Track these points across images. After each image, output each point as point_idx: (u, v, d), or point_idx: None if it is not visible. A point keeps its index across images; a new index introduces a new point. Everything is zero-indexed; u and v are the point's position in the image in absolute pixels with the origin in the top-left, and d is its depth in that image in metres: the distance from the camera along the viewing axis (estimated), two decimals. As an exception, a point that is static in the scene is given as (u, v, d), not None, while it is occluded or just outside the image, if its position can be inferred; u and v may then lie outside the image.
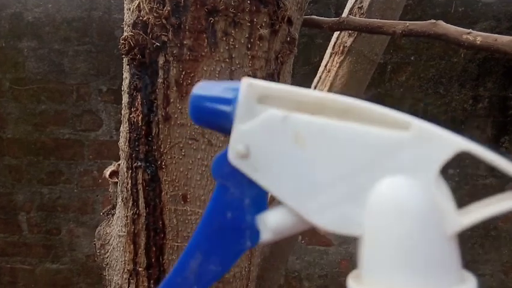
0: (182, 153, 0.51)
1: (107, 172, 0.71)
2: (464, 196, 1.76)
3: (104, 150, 1.74)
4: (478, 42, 0.47)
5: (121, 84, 0.55)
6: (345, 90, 0.84)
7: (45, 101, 1.70)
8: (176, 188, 0.53)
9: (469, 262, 1.82)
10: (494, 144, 1.71)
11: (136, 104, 0.50)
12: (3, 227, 1.85)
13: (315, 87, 0.88)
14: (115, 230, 0.62)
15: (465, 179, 1.75)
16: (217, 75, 0.47)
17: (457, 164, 1.73)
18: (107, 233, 0.66)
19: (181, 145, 0.50)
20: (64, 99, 1.69)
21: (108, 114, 1.70)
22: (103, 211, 0.71)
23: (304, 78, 1.67)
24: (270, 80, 0.51)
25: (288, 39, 0.52)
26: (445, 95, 1.68)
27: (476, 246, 1.81)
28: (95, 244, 0.68)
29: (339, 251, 1.85)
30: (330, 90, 0.85)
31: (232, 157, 0.16)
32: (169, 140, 0.50)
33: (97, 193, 1.79)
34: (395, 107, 0.17)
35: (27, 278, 1.91)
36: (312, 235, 1.85)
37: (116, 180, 0.65)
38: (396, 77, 1.67)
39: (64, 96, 1.69)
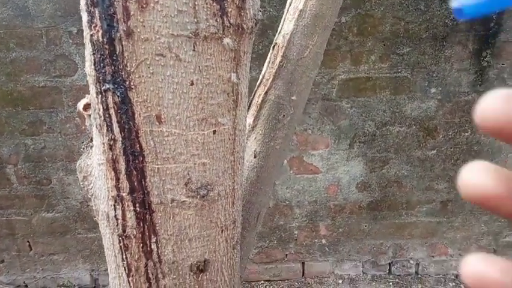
0: (151, 71, 0.49)
1: (80, 105, 0.70)
2: (446, 114, 1.78)
3: (83, 96, 1.69)
4: None
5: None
6: (321, 5, 0.81)
7: (15, 48, 1.62)
8: (149, 109, 0.51)
9: (453, 178, 1.89)
10: (476, 58, 1.70)
11: (95, 21, 0.47)
12: (-7, 181, 1.84)
13: (290, 4, 0.84)
14: (94, 160, 0.61)
15: (447, 97, 1.76)
16: (176, -20, 0.44)
17: (439, 82, 1.73)
18: (88, 164, 0.65)
19: (148, 62, 0.48)
20: (34, 45, 1.62)
21: (82, 58, 1.64)
22: (82, 145, 0.70)
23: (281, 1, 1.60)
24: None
25: None
26: (426, 11, 1.64)
27: (460, 162, 1.86)
28: (77, 177, 0.67)
29: (326, 178, 1.90)
30: (305, 6, 0.81)
31: None
32: (134, 58, 0.48)
33: (81, 140, 1.78)
34: (376, 28, 0.16)
35: (24, 228, 1.95)
36: (299, 164, 1.88)
37: (91, 112, 0.63)
38: (376, -5, 1.62)
39: (33, 41, 1.62)
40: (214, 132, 0.56)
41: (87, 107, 0.68)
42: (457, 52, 1.69)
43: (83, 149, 0.71)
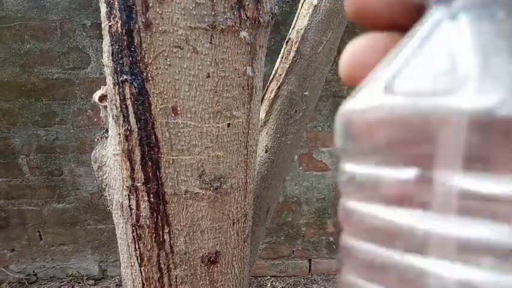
0: (168, 63, 0.49)
1: (96, 96, 0.71)
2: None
3: (96, 88, 1.70)
4: None
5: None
6: (335, 1, 0.81)
7: (30, 40, 1.64)
8: (165, 101, 0.52)
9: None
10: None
11: (114, 12, 0.47)
12: (5, 171, 1.87)
13: (304, 0, 0.84)
14: (110, 151, 0.62)
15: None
16: (196, -27, 0.45)
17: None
18: (102, 155, 0.66)
19: (166, 54, 0.49)
20: (48, 37, 1.64)
21: (95, 50, 1.66)
22: (97, 136, 0.71)
23: None
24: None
25: None
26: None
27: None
28: (92, 167, 0.68)
29: (335, 175, 1.89)
30: (320, 1, 0.81)
31: None
32: (152, 49, 0.48)
33: (93, 132, 1.79)
34: None
35: (35, 218, 1.97)
36: (309, 161, 1.88)
37: (106, 103, 0.64)
38: None
39: (47, 33, 1.63)
40: (229, 125, 0.57)
41: (102, 98, 0.69)
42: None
43: (98, 139, 0.72)
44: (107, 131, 0.68)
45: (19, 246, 2.03)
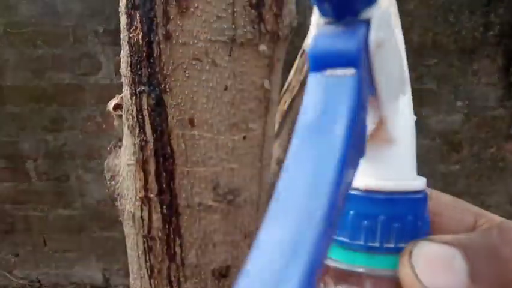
0: (186, 75, 0.49)
1: (110, 105, 0.70)
2: (472, 128, 1.76)
3: (106, 95, 1.71)
4: None
5: (117, 25, 0.53)
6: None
7: (42, 45, 1.65)
8: (183, 112, 0.51)
9: (476, 194, 1.85)
10: (504, 73, 1.67)
11: (135, 23, 0.47)
12: (12, 175, 1.87)
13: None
14: (123, 160, 0.62)
15: (474, 111, 1.73)
16: (219, -14, 0.45)
17: (466, 96, 1.71)
18: (115, 164, 0.66)
19: (185, 66, 0.49)
20: (61, 43, 1.65)
21: (107, 57, 1.66)
22: (110, 145, 0.71)
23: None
24: None
25: None
26: (455, 23, 1.62)
27: (484, 178, 1.83)
28: (105, 176, 0.68)
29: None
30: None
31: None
32: (171, 61, 0.48)
33: (102, 139, 1.79)
34: (404, 38, 0.16)
35: (40, 224, 1.97)
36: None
37: (120, 113, 0.64)
38: (404, 5, 1.60)
39: (60, 39, 1.64)
40: (244, 137, 0.56)
41: (117, 107, 0.69)
42: (485, 66, 1.66)
43: (111, 148, 0.72)
44: (120, 140, 0.68)
45: (24, 251, 2.02)
